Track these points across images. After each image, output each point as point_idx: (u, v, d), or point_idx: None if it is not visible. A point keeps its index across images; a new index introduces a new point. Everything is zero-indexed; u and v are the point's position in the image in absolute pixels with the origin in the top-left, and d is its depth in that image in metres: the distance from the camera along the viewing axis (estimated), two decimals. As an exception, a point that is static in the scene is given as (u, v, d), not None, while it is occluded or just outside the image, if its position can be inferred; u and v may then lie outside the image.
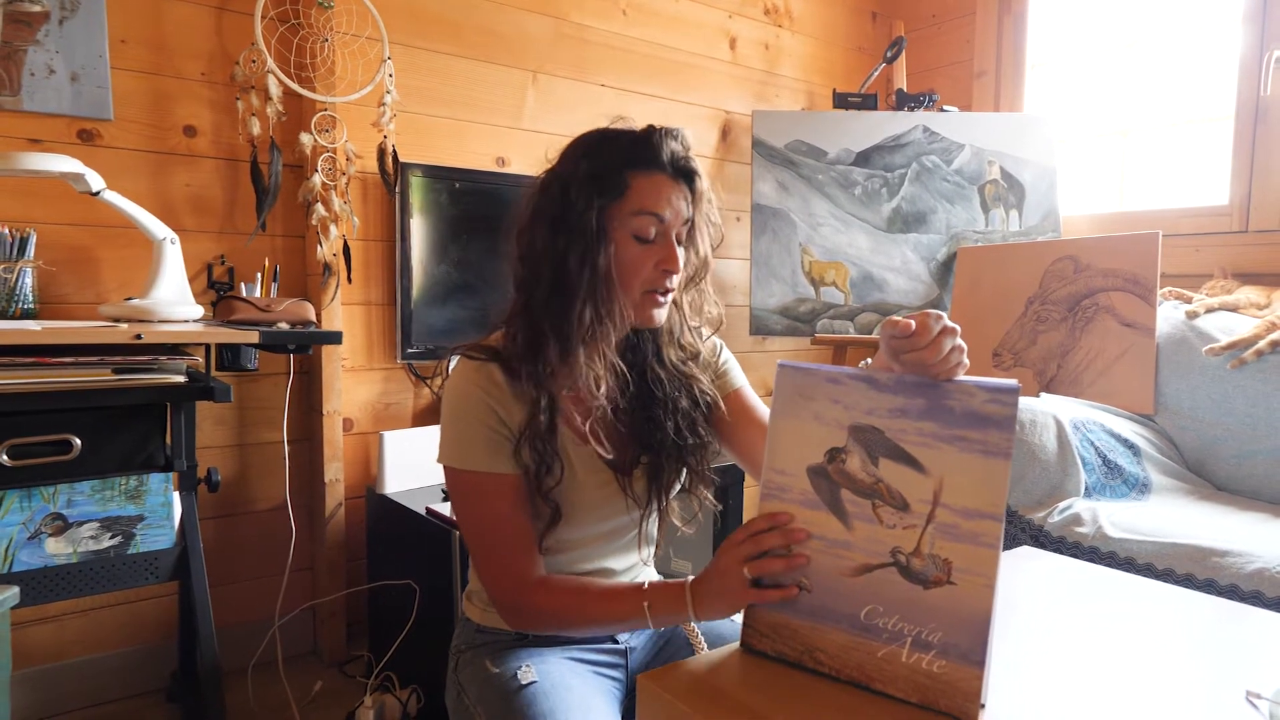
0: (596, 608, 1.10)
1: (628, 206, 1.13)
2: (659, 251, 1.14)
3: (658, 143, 1.14)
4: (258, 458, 2.40)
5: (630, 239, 1.13)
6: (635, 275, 1.14)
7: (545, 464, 1.14)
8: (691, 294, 1.26)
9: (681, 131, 1.17)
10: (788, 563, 0.92)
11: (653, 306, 1.17)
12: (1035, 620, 1.07)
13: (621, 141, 1.15)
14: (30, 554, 1.61)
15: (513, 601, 1.13)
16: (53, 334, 1.61)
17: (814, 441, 0.91)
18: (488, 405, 1.13)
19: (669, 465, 1.24)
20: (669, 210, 1.13)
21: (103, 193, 1.88)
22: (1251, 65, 2.63)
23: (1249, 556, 1.69)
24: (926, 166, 3.06)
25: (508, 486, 1.14)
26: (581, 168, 1.14)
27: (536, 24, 2.83)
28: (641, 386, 1.24)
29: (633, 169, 1.13)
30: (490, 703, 1.15)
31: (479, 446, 1.13)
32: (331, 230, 2.33)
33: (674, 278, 1.16)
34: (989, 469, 0.81)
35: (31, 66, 2.02)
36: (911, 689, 0.84)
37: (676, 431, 1.23)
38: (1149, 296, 2.37)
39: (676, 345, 1.27)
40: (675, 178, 1.15)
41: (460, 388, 1.15)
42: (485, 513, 1.15)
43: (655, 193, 1.13)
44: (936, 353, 0.85)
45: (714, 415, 1.29)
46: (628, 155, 1.13)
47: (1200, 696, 0.87)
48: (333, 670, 2.42)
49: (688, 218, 1.16)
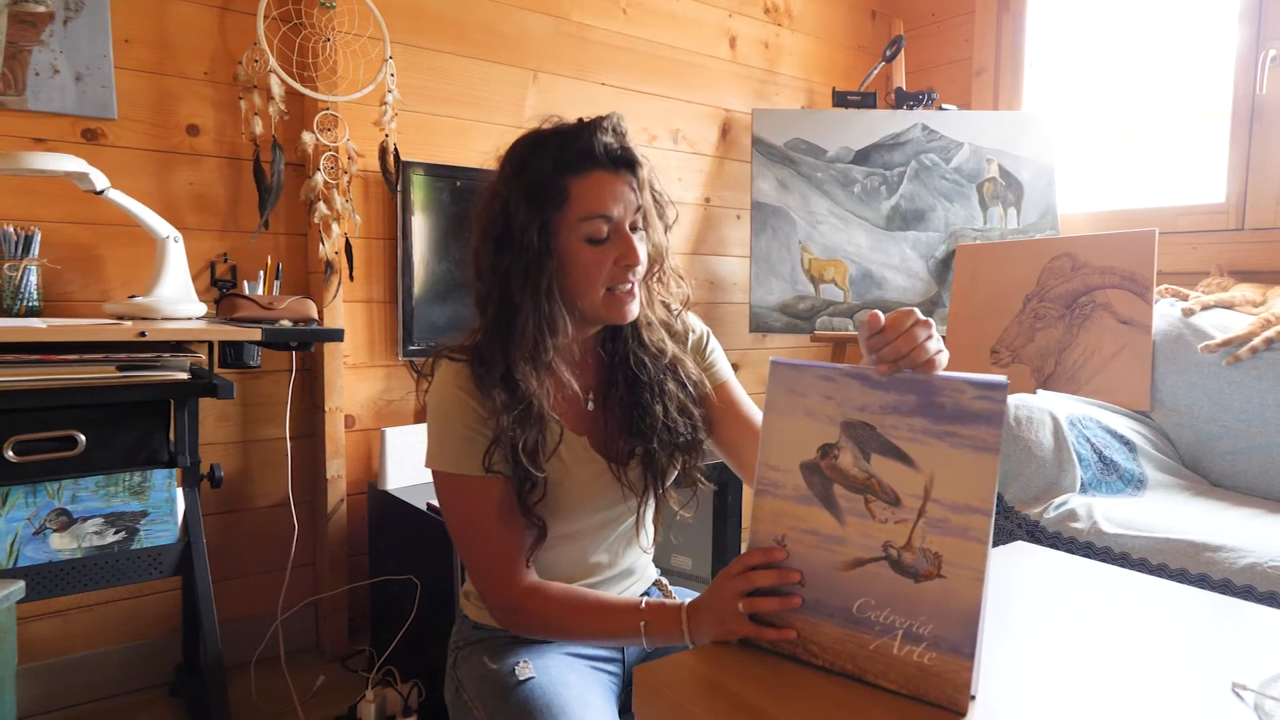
0: (592, 621, 1.11)
1: (573, 214, 1.11)
2: (616, 248, 1.13)
3: (589, 140, 1.10)
4: (260, 454, 2.42)
5: (583, 244, 1.12)
6: (595, 277, 1.13)
7: (531, 481, 1.13)
8: (655, 274, 1.23)
9: (614, 118, 1.13)
10: (782, 603, 0.92)
11: (621, 303, 1.15)
12: (1028, 613, 1.09)
13: (551, 145, 1.12)
14: (35, 549, 1.63)
15: (505, 605, 1.14)
16: (57, 331, 1.62)
17: (807, 438, 0.92)
18: (470, 407, 1.13)
19: (662, 451, 1.23)
20: (616, 206, 1.12)
21: (107, 191, 1.89)
22: (1247, 63, 2.65)
23: (1241, 552, 1.70)
24: (925, 164, 3.07)
25: (493, 490, 1.14)
26: (517, 183, 1.12)
27: (537, 23, 2.84)
28: (626, 373, 1.23)
29: (569, 173, 1.10)
30: (488, 699, 1.16)
31: (463, 450, 1.13)
32: (334, 228, 2.34)
33: (637, 269, 1.15)
34: (978, 464, 0.83)
35: (36, 66, 2.03)
36: (903, 681, 0.85)
37: (666, 414, 1.22)
38: (1146, 294, 2.38)
39: (651, 325, 1.26)
40: (615, 169, 1.12)
41: (442, 390, 1.15)
42: (472, 516, 1.15)
43: (597, 192, 1.11)
44: (910, 341, 0.86)
45: (704, 403, 1.29)
46: (560, 159, 1.10)
47: (1188, 688, 0.88)
48: (335, 665, 2.44)
49: (638, 205, 1.14)
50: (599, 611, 1.11)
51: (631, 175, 1.14)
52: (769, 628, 0.93)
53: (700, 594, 1.04)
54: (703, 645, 0.99)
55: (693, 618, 1.02)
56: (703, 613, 1.01)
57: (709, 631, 0.99)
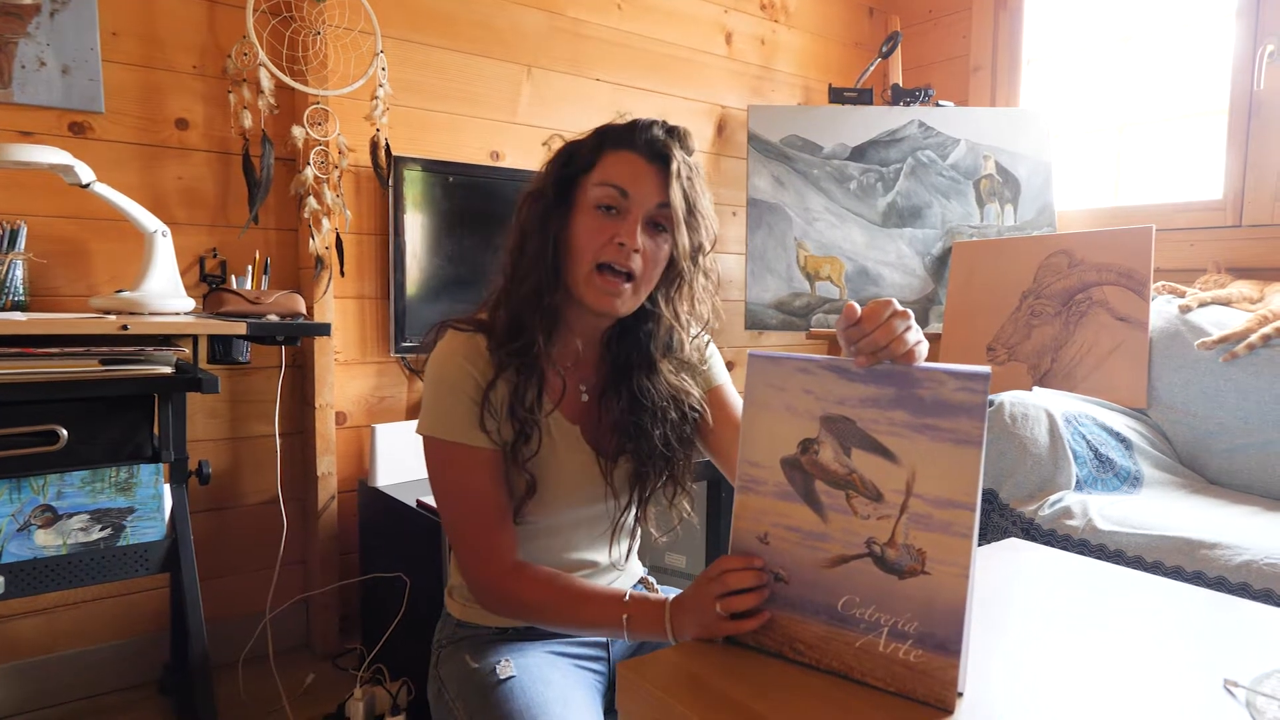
0: (573, 608, 1.10)
1: (595, 177, 1.15)
2: (619, 225, 1.12)
3: (637, 127, 1.15)
4: (250, 451, 2.40)
5: (593, 208, 1.14)
6: (589, 243, 1.13)
7: (524, 433, 1.14)
8: (680, 297, 1.22)
9: (673, 126, 1.17)
10: (757, 596, 0.92)
11: (603, 286, 1.13)
12: (1022, 611, 1.07)
13: (604, 128, 1.18)
14: (20, 545, 1.61)
15: (488, 584, 1.13)
16: (39, 325, 1.60)
17: (787, 433, 0.91)
18: (470, 376, 1.13)
19: (654, 471, 1.24)
20: (634, 187, 1.13)
21: (93, 185, 1.88)
22: (1245, 60, 2.63)
23: (1237, 549, 1.69)
24: (922, 161, 3.06)
25: (485, 461, 1.14)
26: (565, 151, 1.19)
27: (531, 18, 2.82)
28: (628, 385, 1.23)
29: (606, 146, 1.16)
30: (469, 698, 1.15)
31: (459, 418, 1.13)
32: (324, 223, 2.33)
33: (634, 259, 1.12)
34: (960, 457, 0.81)
35: (22, 59, 2.02)
36: (890, 678, 0.84)
37: (665, 442, 1.23)
38: (1143, 291, 2.37)
39: (670, 355, 1.25)
40: (649, 159, 1.14)
41: (444, 358, 1.15)
42: (462, 486, 1.14)
43: (622, 167, 1.14)
44: (889, 333, 0.85)
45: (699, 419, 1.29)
46: (605, 136, 1.17)
47: (1182, 685, 0.87)
48: (325, 663, 2.42)
49: (662, 201, 1.13)
50: (581, 599, 1.10)
51: (665, 170, 1.14)
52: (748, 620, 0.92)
53: (684, 591, 1.02)
54: (686, 642, 0.98)
55: (676, 615, 1.01)
56: (685, 613, 1.00)
57: (690, 629, 0.98)
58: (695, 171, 1.17)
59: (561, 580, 1.13)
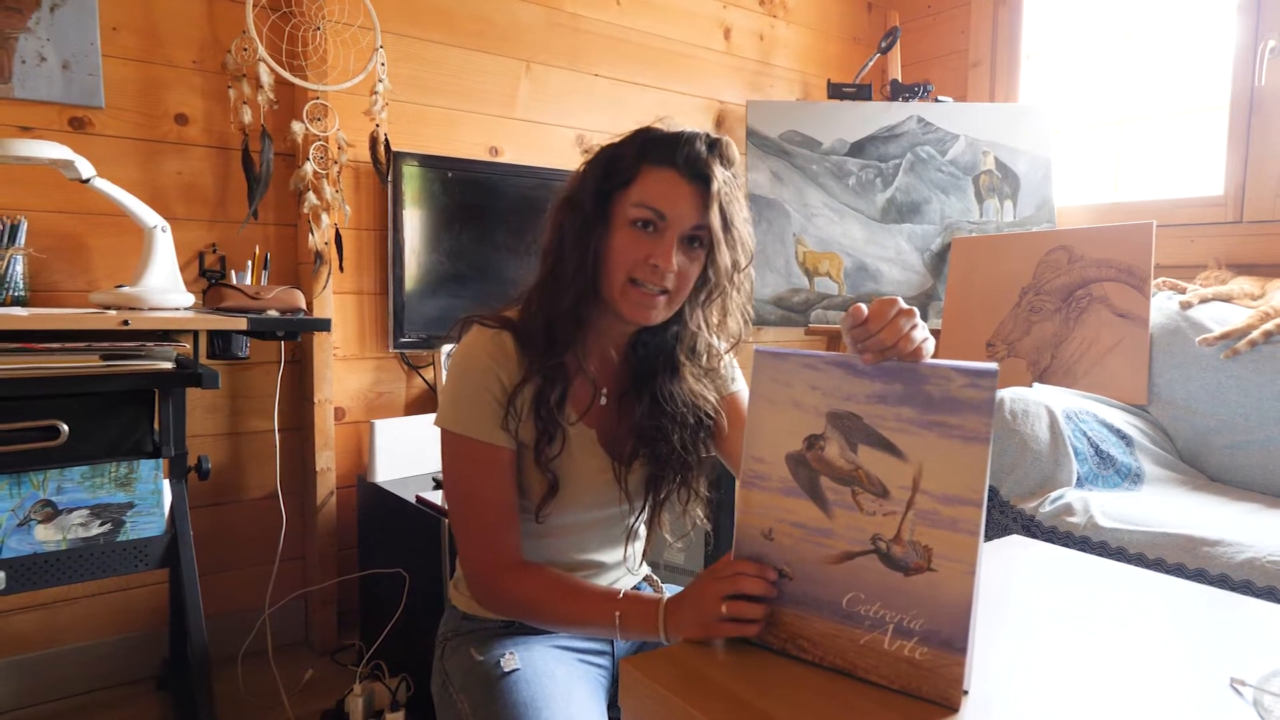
0: (566, 605, 1.10)
1: (633, 195, 1.12)
2: (653, 245, 1.12)
3: (678, 141, 1.12)
4: (249, 446, 2.40)
5: (629, 226, 1.12)
6: (623, 260, 1.12)
7: (549, 434, 1.15)
8: (712, 307, 1.23)
9: (723, 141, 1.14)
10: (763, 606, 0.91)
11: (637, 302, 1.13)
12: (1024, 608, 1.07)
13: (645, 135, 1.15)
14: (19, 540, 1.61)
15: (486, 579, 1.13)
16: (39, 320, 1.60)
17: (792, 429, 0.90)
18: (494, 373, 1.13)
19: (669, 477, 1.25)
20: (671, 208, 1.11)
21: (92, 180, 1.87)
22: (1246, 55, 2.63)
23: (1239, 546, 1.69)
24: (921, 157, 3.05)
25: (501, 459, 1.14)
26: (603, 156, 1.17)
27: (530, 13, 2.81)
28: (649, 388, 1.24)
29: (646, 161, 1.13)
30: (473, 691, 1.15)
31: (479, 414, 1.13)
32: (323, 219, 2.32)
33: (668, 277, 1.12)
34: (968, 454, 0.81)
35: (22, 54, 2.01)
36: (894, 676, 0.83)
37: (681, 446, 1.24)
38: (1143, 287, 2.36)
39: (695, 362, 1.26)
40: (690, 178, 1.12)
41: (469, 353, 1.15)
42: (475, 482, 1.15)
43: (661, 188, 1.11)
44: (895, 333, 0.84)
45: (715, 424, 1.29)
46: (645, 147, 1.13)
47: (1186, 683, 0.86)
48: (324, 659, 2.42)
49: (699, 223, 1.12)
50: (574, 596, 1.10)
51: (705, 190, 1.12)
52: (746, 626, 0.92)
53: (682, 590, 1.02)
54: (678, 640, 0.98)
55: (671, 614, 1.00)
56: (683, 610, 0.99)
57: (687, 629, 0.97)
58: (734, 185, 1.15)
59: (554, 576, 1.14)
